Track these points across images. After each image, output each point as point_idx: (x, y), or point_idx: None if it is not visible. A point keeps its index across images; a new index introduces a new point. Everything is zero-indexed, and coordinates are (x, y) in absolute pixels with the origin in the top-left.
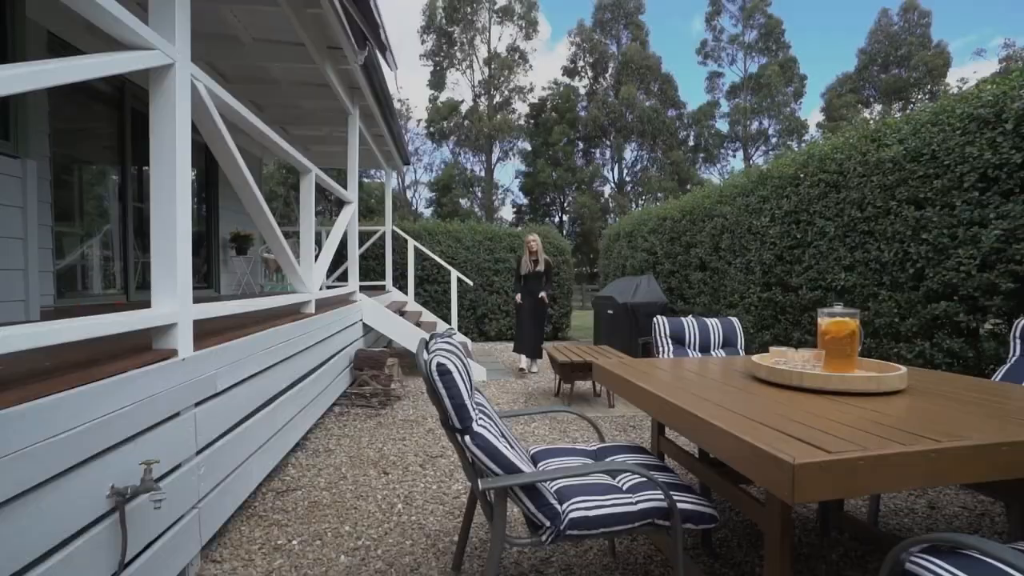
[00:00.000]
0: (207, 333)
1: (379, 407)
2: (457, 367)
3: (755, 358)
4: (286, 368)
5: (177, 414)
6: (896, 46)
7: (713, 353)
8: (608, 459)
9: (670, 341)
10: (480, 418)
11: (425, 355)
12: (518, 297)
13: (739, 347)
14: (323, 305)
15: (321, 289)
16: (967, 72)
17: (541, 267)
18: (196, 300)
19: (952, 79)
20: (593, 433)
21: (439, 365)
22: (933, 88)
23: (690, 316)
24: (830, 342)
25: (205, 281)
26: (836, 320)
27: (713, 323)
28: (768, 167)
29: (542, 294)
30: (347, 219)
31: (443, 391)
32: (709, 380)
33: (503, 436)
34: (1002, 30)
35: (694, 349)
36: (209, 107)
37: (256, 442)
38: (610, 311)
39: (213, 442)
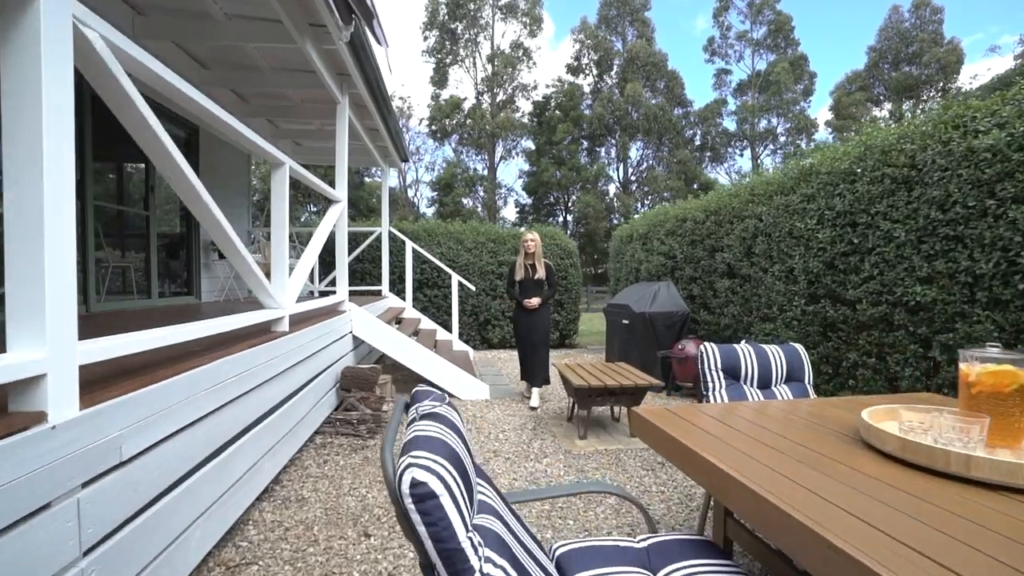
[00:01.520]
0: (124, 372)
1: (367, 436)
2: (446, 482)
3: (868, 416)
4: (249, 402)
5: (46, 506)
6: (907, 43)
7: (775, 390)
8: (669, 570)
9: (723, 376)
10: (487, 559)
11: (393, 461)
12: (534, 301)
13: (807, 381)
14: (303, 319)
15: (314, 294)
16: (979, 69)
17: (541, 273)
18: (177, 308)
19: (965, 76)
20: (612, 472)
21: (414, 484)
22: (946, 85)
23: (743, 342)
24: (983, 401)
25: (185, 287)
26: (993, 369)
27: (774, 352)
28: (813, 160)
29: (536, 300)
30: (334, 219)
31: (422, 528)
32: (797, 446)
33: (520, 569)
34: (1008, 28)
35: (752, 385)
36: (110, 66)
37: (198, 507)
38: (625, 320)
39: (116, 530)
